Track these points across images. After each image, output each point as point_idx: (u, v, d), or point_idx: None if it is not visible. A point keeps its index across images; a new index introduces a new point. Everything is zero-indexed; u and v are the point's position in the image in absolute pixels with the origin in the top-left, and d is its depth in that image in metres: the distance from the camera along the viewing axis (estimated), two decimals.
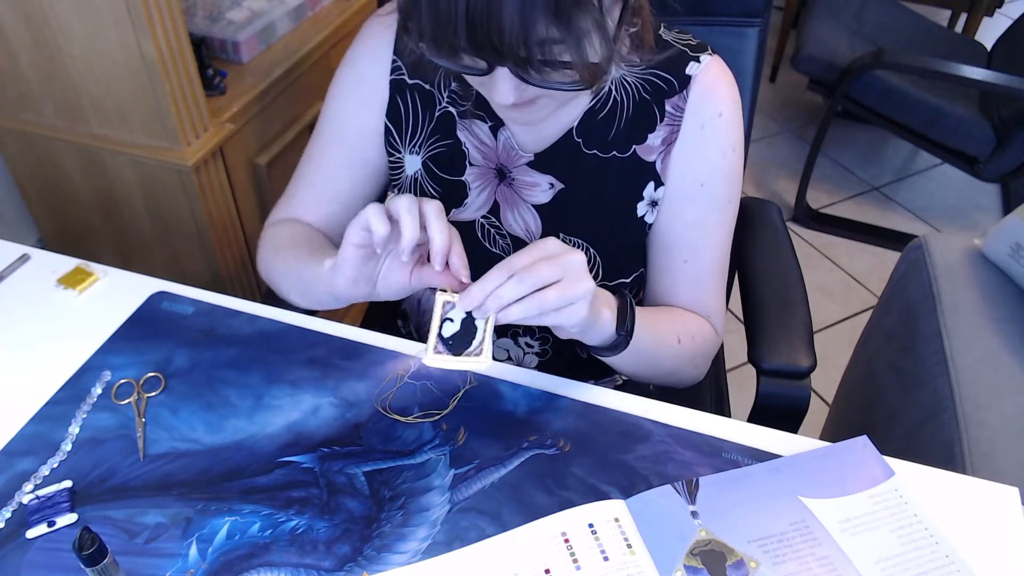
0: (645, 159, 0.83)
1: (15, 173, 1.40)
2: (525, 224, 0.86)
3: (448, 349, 0.67)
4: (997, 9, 2.73)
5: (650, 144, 0.82)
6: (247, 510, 0.68)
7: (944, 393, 1.07)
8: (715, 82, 0.81)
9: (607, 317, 0.73)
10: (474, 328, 0.68)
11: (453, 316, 0.68)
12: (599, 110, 0.81)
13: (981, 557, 0.66)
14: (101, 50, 1.14)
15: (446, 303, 0.68)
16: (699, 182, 0.83)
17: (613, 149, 0.82)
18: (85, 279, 0.90)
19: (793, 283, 1.03)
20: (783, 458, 0.73)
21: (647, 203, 0.84)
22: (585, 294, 0.66)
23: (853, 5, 2.43)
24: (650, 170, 0.83)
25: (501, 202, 0.86)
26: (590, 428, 0.76)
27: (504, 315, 0.65)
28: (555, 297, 0.65)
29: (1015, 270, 1.17)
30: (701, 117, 0.81)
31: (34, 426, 0.75)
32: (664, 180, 0.83)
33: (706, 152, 0.82)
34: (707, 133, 0.81)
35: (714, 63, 0.81)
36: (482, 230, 0.87)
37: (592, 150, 0.82)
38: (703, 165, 0.82)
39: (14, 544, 0.66)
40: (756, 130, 1.78)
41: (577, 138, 0.82)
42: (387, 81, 0.86)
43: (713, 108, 0.81)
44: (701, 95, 0.80)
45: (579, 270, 0.66)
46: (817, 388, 1.87)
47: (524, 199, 0.85)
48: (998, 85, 1.94)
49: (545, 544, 0.66)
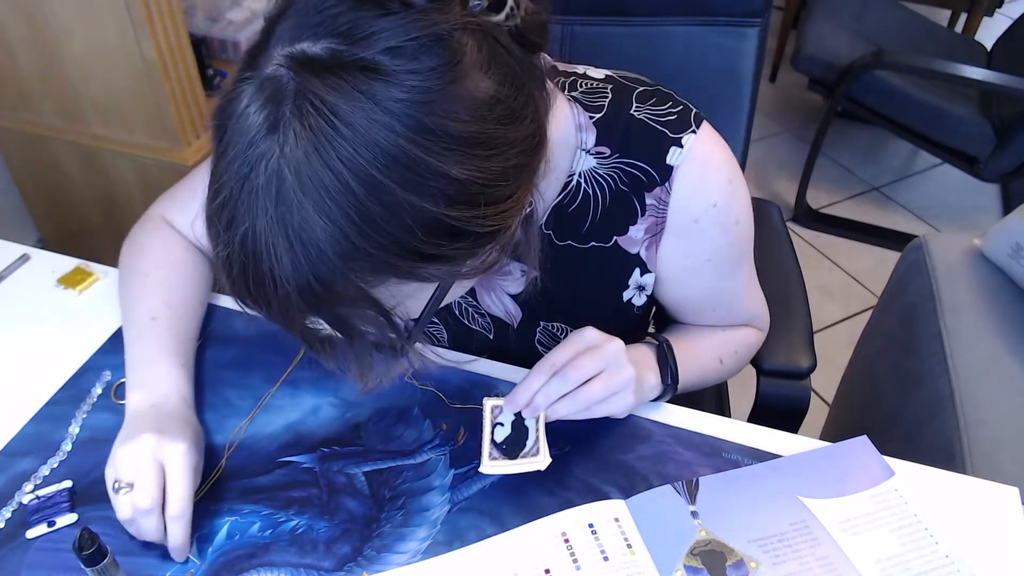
0: (629, 251, 0.75)
1: (15, 173, 1.40)
2: (504, 306, 0.80)
3: (503, 454, 0.68)
4: (997, 9, 2.73)
5: (632, 236, 0.74)
6: (247, 510, 0.68)
7: (944, 393, 1.07)
8: (702, 172, 0.70)
9: (652, 381, 0.74)
10: (525, 429, 0.69)
11: (503, 420, 0.70)
12: (568, 204, 0.72)
13: (981, 557, 0.66)
14: (101, 50, 1.14)
15: (495, 407, 0.70)
16: (705, 259, 0.75)
17: (591, 240, 0.74)
18: (85, 279, 0.90)
19: (793, 283, 1.03)
20: (783, 458, 0.73)
21: (634, 288, 0.78)
22: (628, 382, 0.67)
23: (853, 5, 2.43)
24: (635, 260, 0.76)
25: (476, 287, 0.79)
26: (590, 428, 0.75)
27: (552, 412, 0.67)
28: (601, 389, 0.66)
29: (1015, 270, 1.17)
30: (693, 212, 0.71)
31: (34, 426, 0.75)
32: (651, 268, 0.76)
33: (705, 239, 0.74)
34: (702, 225, 0.72)
35: (699, 144, 0.69)
36: (460, 308, 0.82)
37: (566, 241, 0.75)
38: (706, 246, 0.75)
39: (14, 544, 0.66)
40: (756, 130, 1.78)
41: (547, 230, 0.74)
42: None
43: (706, 201, 0.71)
44: (688, 190, 0.70)
45: (620, 358, 0.67)
46: (817, 388, 1.87)
47: (499, 285, 0.79)
48: (998, 85, 1.94)
49: (545, 544, 0.65)
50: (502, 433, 0.69)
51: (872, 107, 2.16)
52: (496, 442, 0.69)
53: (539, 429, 0.68)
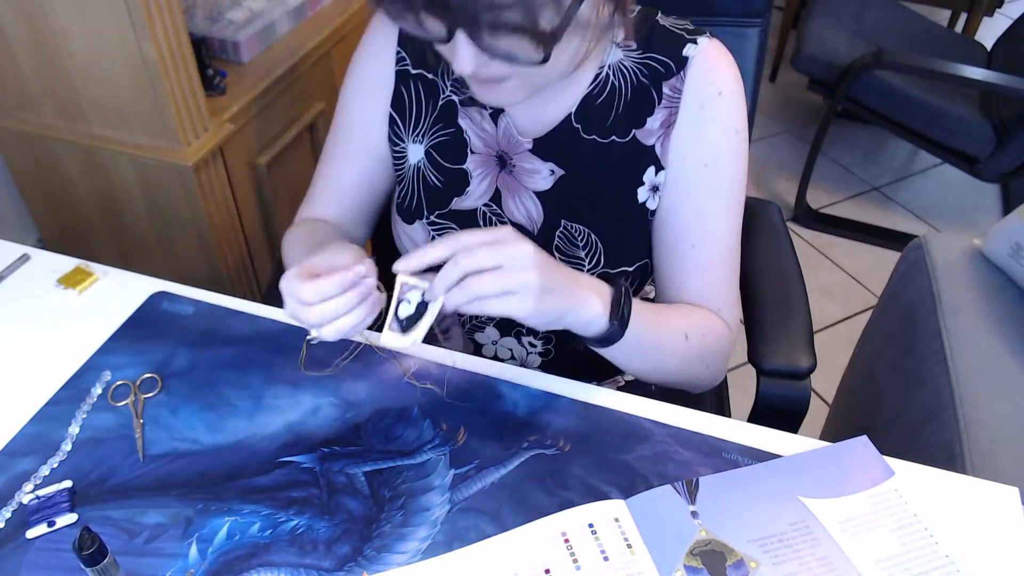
0: (644, 143, 0.82)
1: (15, 173, 1.40)
2: (527, 211, 0.86)
3: (400, 329, 0.68)
4: (997, 9, 2.73)
5: (649, 128, 0.82)
6: (247, 510, 0.68)
7: (944, 393, 1.07)
8: (714, 62, 0.80)
9: (596, 307, 0.71)
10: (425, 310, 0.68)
11: (410, 298, 0.68)
12: (597, 95, 0.81)
13: (981, 557, 0.66)
14: (101, 50, 1.14)
15: (404, 284, 0.68)
16: (702, 163, 0.81)
17: (612, 134, 0.82)
18: (85, 279, 0.90)
19: (793, 283, 1.03)
20: (783, 458, 0.73)
21: (648, 188, 0.83)
22: (527, 286, 0.64)
23: (853, 5, 2.43)
24: (650, 154, 0.82)
25: (503, 189, 0.86)
26: (590, 428, 0.76)
27: (447, 301, 0.65)
28: (491, 284, 0.63)
29: (1015, 270, 1.17)
30: (700, 97, 0.80)
31: (34, 426, 0.75)
32: (664, 164, 0.82)
33: (707, 132, 0.81)
34: (707, 113, 0.80)
35: (712, 44, 0.81)
36: (484, 218, 0.88)
37: (591, 135, 0.82)
38: (705, 146, 0.81)
39: (14, 544, 0.66)
40: (756, 130, 1.78)
41: (576, 123, 0.82)
42: (392, 72, 0.87)
43: (712, 88, 0.80)
44: (699, 75, 0.80)
45: (523, 260, 0.64)
46: (817, 388, 1.87)
47: (525, 186, 0.85)
48: (998, 85, 1.94)
49: (545, 544, 0.66)
50: (406, 310, 0.68)
51: (872, 107, 2.16)
52: (399, 317, 0.68)
53: (429, 313, 0.67)
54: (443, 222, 0.89)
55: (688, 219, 0.83)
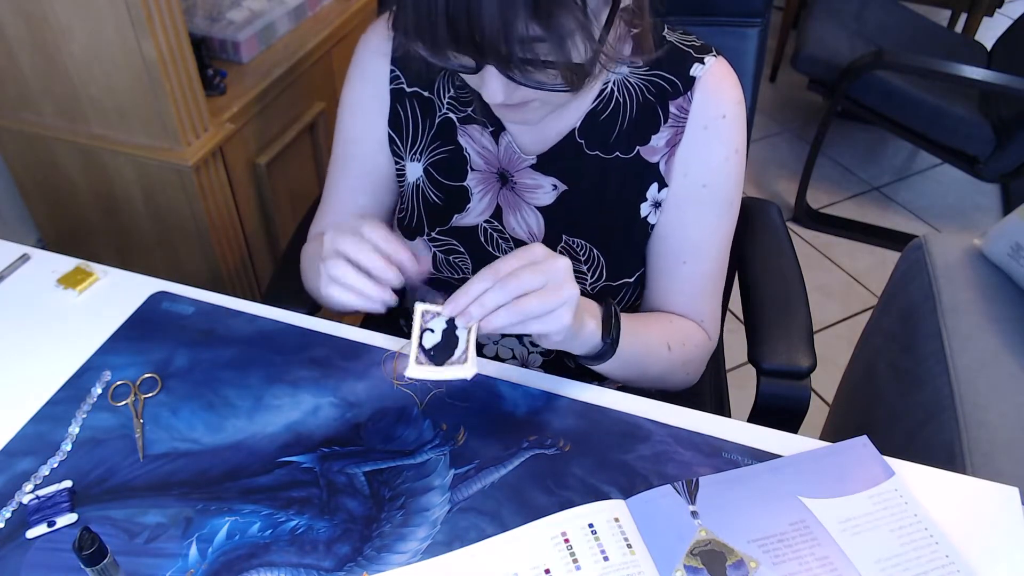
0: (649, 160, 0.82)
1: (15, 173, 1.40)
2: (528, 226, 0.86)
3: (430, 360, 0.67)
4: (997, 9, 2.73)
5: (654, 145, 0.82)
6: (247, 510, 0.68)
7: (944, 393, 1.07)
8: (719, 84, 0.81)
9: (591, 327, 0.73)
10: (455, 338, 0.68)
11: (433, 326, 0.68)
12: (601, 111, 0.81)
13: (981, 557, 0.66)
14: (101, 50, 1.14)
15: (425, 313, 0.68)
16: (701, 183, 0.83)
17: (616, 150, 0.82)
18: (85, 279, 0.90)
19: (793, 283, 1.02)
20: (783, 458, 0.73)
21: (651, 204, 0.84)
22: (567, 300, 0.65)
23: (853, 5, 2.43)
24: (653, 171, 0.83)
25: (503, 206, 0.86)
26: (590, 428, 0.76)
27: (487, 323, 0.65)
28: (537, 304, 0.64)
29: (1015, 270, 1.17)
30: (704, 118, 0.81)
31: (34, 426, 0.75)
32: (668, 182, 0.83)
33: (709, 153, 0.82)
34: (710, 134, 0.81)
35: (718, 64, 0.81)
36: (485, 234, 0.87)
37: (594, 151, 0.82)
38: (705, 166, 0.82)
39: (14, 544, 0.66)
40: (756, 130, 1.78)
41: (579, 139, 0.82)
42: (387, 91, 0.86)
43: (717, 110, 0.80)
44: (705, 97, 0.80)
45: (562, 276, 0.66)
46: (817, 388, 1.87)
47: (527, 201, 0.85)
48: (998, 85, 1.94)
49: (545, 544, 0.66)
50: (431, 340, 0.67)
51: (872, 107, 2.16)
52: (424, 348, 0.67)
53: (470, 339, 0.67)
54: (444, 238, 0.88)
55: (682, 237, 0.85)
